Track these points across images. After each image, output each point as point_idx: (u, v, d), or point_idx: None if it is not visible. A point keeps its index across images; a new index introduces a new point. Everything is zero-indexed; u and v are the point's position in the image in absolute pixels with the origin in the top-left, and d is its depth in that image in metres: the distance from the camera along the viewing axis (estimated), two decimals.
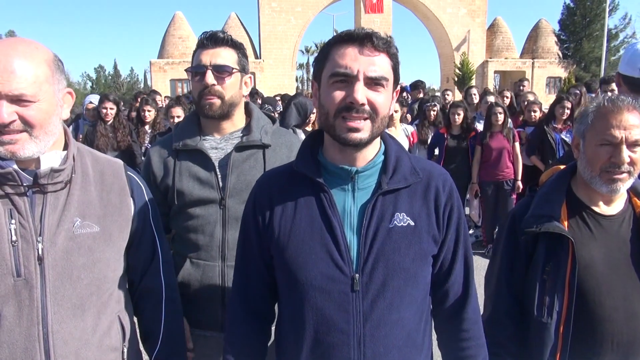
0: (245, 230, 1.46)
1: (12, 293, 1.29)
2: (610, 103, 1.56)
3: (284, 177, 1.41)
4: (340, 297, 1.29)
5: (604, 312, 1.55)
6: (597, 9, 29.84)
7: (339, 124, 1.25)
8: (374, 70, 1.23)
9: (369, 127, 1.26)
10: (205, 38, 1.87)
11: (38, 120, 1.29)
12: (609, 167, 1.55)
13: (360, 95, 1.22)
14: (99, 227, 1.42)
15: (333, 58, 1.26)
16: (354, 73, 1.22)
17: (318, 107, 1.33)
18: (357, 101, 1.22)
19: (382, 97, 1.26)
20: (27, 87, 1.25)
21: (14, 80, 1.23)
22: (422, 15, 34.20)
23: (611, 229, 1.62)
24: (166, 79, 29.07)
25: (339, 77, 1.24)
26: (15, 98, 1.24)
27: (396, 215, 1.31)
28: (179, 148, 1.92)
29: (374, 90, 1.25)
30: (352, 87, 1.22)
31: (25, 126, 1.28)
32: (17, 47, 1.27)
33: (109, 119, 5.73)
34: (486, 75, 32.57)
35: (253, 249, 1.43)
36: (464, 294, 1.43)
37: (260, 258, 1.42)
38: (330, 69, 1.26)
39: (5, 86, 1.22)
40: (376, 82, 1.24)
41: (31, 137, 1.29)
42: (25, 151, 1.29)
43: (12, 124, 1.25)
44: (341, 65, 1.23)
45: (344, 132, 1.25)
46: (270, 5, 30.68)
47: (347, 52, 1.24)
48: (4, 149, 1.27)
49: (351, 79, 1.23)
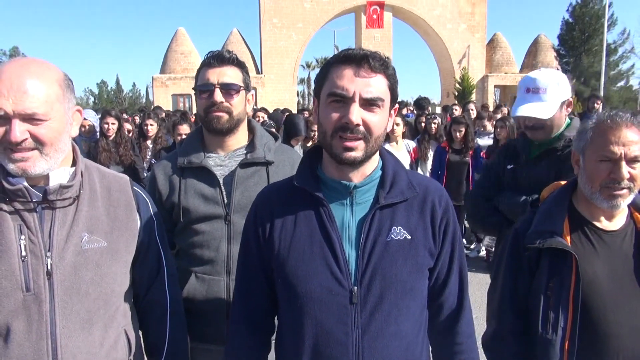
0: (246, 243, 1.48)
1: (21, 308, 1.31)
2: (609, 119, 1.58)
3: (284, 192, 1.44)
4: (339, 309, 1.31)
5: (610, 328, 1.55)
6: (595, 24, 30.05)
7: (336, 143, 1.30)
8: (369, 92, 1.27)
9: (363, 147, 1.30)
10: (211, 57, 1.92)
11: (49, 138, 1.31)
12: (609, 183, 1.56)
13: (355, 117, 1.25)
14: (106, 242, 1.44)
15: (331, 78, 1.30)
16: (350, 95, 1.26)
17: (317, 124, 1.37)
18: (352, 122, 1.25)
19: (377, 118, 1.30)
20: (40, 107, 1.28)
21: (26, 99, 1.26)
22: (422, 31, 34.47)
23: (613, 244, 1.62)
24: (168, 94, 29.22)
25: (336, 97, 1.28)
26: (28, 117, 1.27)
27: (393, 228, 1.35)
28: (184, 165, 1.95)
29: (369, 111, 1.28)
30: (348, 108, 1.26)
31: (37, 144, 1.30)
32: (29, 67, 1.30)
33: (111, 134, 5.78)
34: (486, 89, 32.70)
35: (254, 261, 1.45)
36: (458, 307, 1.46)
37: (261, 271, 1.45)
38: (328, 88, 1.30)
39: (18, 105, 1.25)
40: (371, 103, 1.28)
41: (42, 154, 1.32)
42: (36, 168, 1.32)
43: (24, 142, 1.28)
44: (338, 86, 1.27)
45: (340, 151, 1.29)
46: (271, 21, 30.96)
47: (345, 73, 1.28)
48: (15, 167, 1.30)
49: (347, 100, 1.27)
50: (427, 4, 32.23)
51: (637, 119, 1.57)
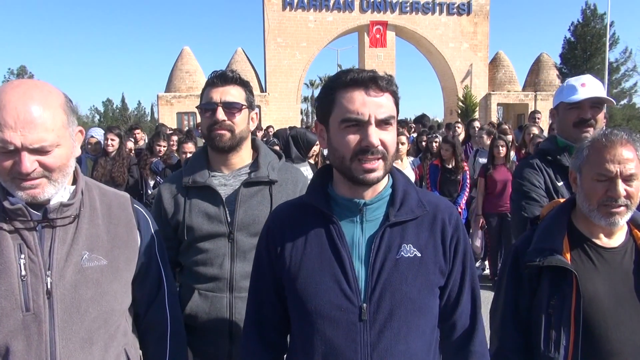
0: (258, 261, 1.49)
1: (20, 328, 1.29)
2: (604, 138, 1.59)
3: (295, 209, 1.45)
4: (348, 326, 1.31)
5: (612, 346, 1.54)
6: (597, 43, 30.22)
7: (356, 167, 1.31)
8: (382, 113, 1.29)
9: (383, 166, 1.32)
10: (215, 77, 1.96)
11: (57, 166, 1.33)
12: (606, 201, 1.57)
13: (375, 139, 1.28)
14: (106, 260, 1.44)
15: (341, 103, 1.31)
16: (366, 118, 1.28)
17: (330, 150, 1.38)
18: (373, 144, 1.28)
19: (391, 135, 1.33)
20: (48, 137, 1.29)
21: (35, 131, 1.26)
22: (425, 50, 34.75)
23: (614, 262, 1.62)
24: (173, 112, 29.43)
25: (351, 122, 1.30)
26: (36, 149, 1.28)
27: (403, 246, 1.34)
28: (189, 185, 1.98)
29: (384, 130, 1.31)
30: (366, 131, 1.28)
31: (45, 172, 1.32)
32: (32, 94, 1.29)
33: (111, 150, 5.83)
34: (489, 107, 32.80)
35: (266, 279, 1.46)
36: (471, 327, 1.44)
37: (273, 288, 1.45)
38: (341, 114, 1.31)
39: (27, 138, 1.26)
40: (385, 122, 1.31)
41: (50, 180, 1.33)
42: (45, 194, 1.33)
43: (34, 172, 1.29)
44: (352, 110, 1.29)
45: (360, 174, 1.31)
46: (275, 41, 31.29)
47: (355, 96, 1.29)
48: (25, 194, 1.31)
49: (363, 123, 1.29)
50: (430, 23, 32.55)
51: (632, 137, 1.58)
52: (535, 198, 2.20)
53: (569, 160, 2.15)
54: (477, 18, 33.30)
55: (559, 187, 2.23)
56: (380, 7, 31.92)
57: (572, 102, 2.24)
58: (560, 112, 2.34)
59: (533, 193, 2.21)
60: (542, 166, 2.28)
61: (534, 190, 2.22)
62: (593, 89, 2.24)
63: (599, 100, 2.24)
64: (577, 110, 2.24)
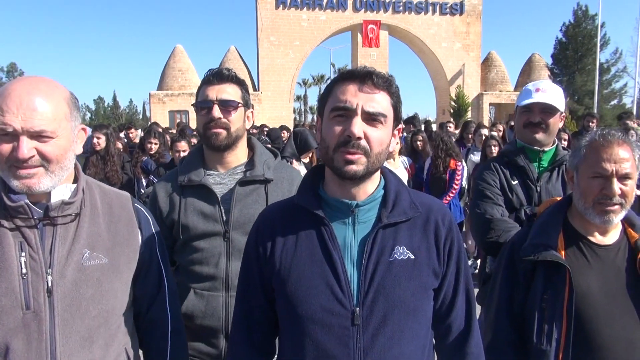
0: (247, 262, 1.46)
1: (21, 326, 1.29)
2: (601, 137, 1.63)
3: (286, 211, 1.42)
4: (340, 331, 1.28)
5: (603, 341, 1.57)
6: (588, 44, 30.50)
7: (337, 157, 1.28)
8: (372, 106, 1.27)
9: (364, 162, 1.28)
10: (211, 75, 1.95)
11: (55, 156, 1.32)
12: (601, 199, 1.60)
13: (357, 129, 1.25)
14: (107, 258, 1.43)
15: (335, 94, 1.31)
16: (353, 107, 1.26)
17: (320, 141, 1.37)
18: (354, 134, 1.24)
19: (379, 133, 1.28)
20: (48, 124, 1.29)
21: (35, 117, 1.27)
22: (418, 49, 34.89)
23: (607, 259, 1.66)
24: (165, 111, 29.31)
25: (339, 112, 1.28)
26: (36, 134, 1.28)
27: (396, 248, 1.32)
28: (184, 184, 1.97)
29: (371, 126, 1.27)
30: (351, 120, 1.26)
31: (43, 161, 1.31)
32: (38, 85, 1.31)
33: (98, 148, 5.80)
34: (481, 107, 33.01)
35: (255, 281, 1.42)
36: (467, 329, 1.42)
37: (262, 291, 1.42)
38: (332, 103, 1.30)
39: (27, 123, 1.26)
40: (374, 118, 1.27)
41: (47, 171, 1.32)
42: (41, 185, 1.32)
43: (31, 159, 1.28)
44: (342, 100, 1.27)
45: (341, 165, 1.27)
46: (268, 39, 31.27)
47: (348, 88, 1.28)
48: (20, 183, 1.30)
49: (350, 112, 1.26)
50: (423, 23, 32.69)
51: (628, 138, 1.62)
52: (489, 196, 2.37)
53: (523, 161, 2.40)
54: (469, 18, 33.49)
55: (513, 185, 2.40)
56: (374, 6, 32.01)
57: (523, 106, 2.40)
58: (516, 115, 2.51)
59: (487, 191, 2.39)
60: (499, 167, 2.46)
61: (489, 189, 2.39)
62: (546, 94, 2.36)
63: (547, 107, 2.36)
64: (528, 113, 2.39)
